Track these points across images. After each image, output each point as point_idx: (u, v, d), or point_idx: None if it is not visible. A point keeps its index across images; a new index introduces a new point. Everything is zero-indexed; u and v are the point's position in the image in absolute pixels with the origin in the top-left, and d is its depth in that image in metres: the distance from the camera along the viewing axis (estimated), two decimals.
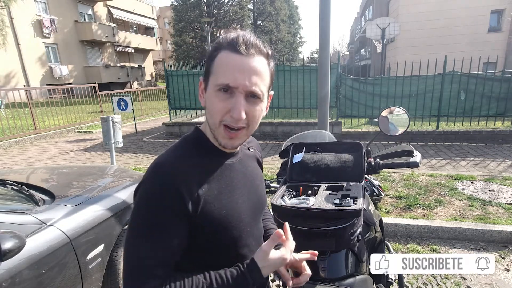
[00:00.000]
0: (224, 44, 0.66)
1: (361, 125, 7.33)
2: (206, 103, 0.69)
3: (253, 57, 0.66)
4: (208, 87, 0.68)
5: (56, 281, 1.45)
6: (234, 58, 0.65)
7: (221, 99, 0.65)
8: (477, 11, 16.38)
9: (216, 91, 0.66)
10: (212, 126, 0.70)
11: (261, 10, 30.49)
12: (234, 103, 0.65)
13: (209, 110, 0.69)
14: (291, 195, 1.17)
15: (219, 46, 0.67)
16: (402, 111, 1.49)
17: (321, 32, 3.33)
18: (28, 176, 2.47)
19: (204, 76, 0.70)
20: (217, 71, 0.66)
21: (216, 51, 0.67)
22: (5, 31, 14.09)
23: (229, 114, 0.65)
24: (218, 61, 0.66)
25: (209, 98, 0.68)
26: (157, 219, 0.62)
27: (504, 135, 6.09)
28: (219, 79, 0.65)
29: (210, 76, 0.67)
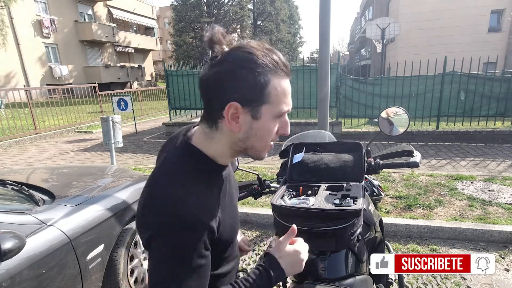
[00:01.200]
0: (271, 67, 0.63)
1: (361, 125, 7.33)
2: (256, 130, 0.67)
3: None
4: (261, 114, 0.65)
5: (56, 281, 1.45)
6: (287, 84, 0.67)
7: (275, 124, 0.68)
8: (477, 11, 16.39)
9: (274, 118, 0.67)
10: (259, 148, 0.70)
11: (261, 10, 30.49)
12: (285, 123, 0.70)
13: (260, 136, 0.68)
14: (291, 195, 1.16)
15: (264, 69, 0.62)
16: (402, 111, 1.49)
17: (321, 32, 3.33)
18: (28, 176, 2.47)
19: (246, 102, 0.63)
20: (275, 100, 0.65)
21: (264, 75, 0.62)
22: (5, 31, 14.10)
23: (277, 133, 0.69)
24: (274, 88, 0.64)
25: (266, 125, 0.66)
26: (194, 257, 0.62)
27: (504, 135, 6.09)
28: (281, 108, 0.66)
29: (263, 105, 0.64)
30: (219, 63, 0.63)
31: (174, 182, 0.64)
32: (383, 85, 6.71)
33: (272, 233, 2.99)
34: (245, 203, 3.42)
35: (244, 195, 1.39)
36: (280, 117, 0.68)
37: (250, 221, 3.23)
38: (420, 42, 16.97)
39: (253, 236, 2.98)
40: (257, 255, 2.65)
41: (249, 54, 0.62)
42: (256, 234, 3.02)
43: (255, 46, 0.64)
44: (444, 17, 16.69)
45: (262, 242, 2.85)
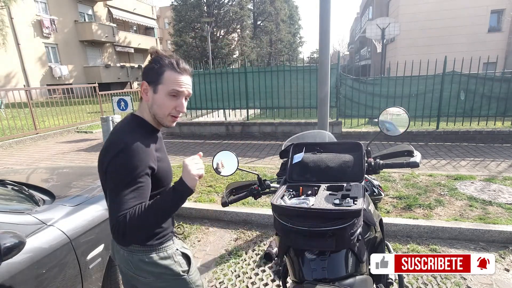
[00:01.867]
0: (168, 65, 1.03)
1: (361, 125, 7.33)
2: (155, 100, 1.04)
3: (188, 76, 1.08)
4: (158, 91, 1.03)
5: (56, 281, 1.45)
6: (179, 77, 1.04)
7: (171, 100, 1.04)
8: (477, 11, 16.39)
9: (167, 95, 1.03)
10: (160, 115, 1.05)
11: (261, 10, 30.50)
12: (180, 103, 1.06)
13: (159, 105, 1.04)
14: (291, 195, 1.16)
15: (163, 66, 1.03)
16: (402, 111, 1.49)
17: (321, 32, 3.33)
18: (28, 176, 2.47)
19: (150, 82, 1.04)
20: (166, 83, 1.02)
21: (162, 68, 1.03)
22: (5, 31, 14.09)
23: (176, 109, 1.05)
24: (167, 76, 1.02)
25: (161, 98, 1.03)
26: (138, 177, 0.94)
27: (504, 135, 6.10)
28: (170, 88, 1.03)
29: (159, 85, 1.02)
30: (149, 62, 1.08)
31: (123, 132, 1.01)
32: (383, 85, 6.71)
33: (272, 233, 2.99)
34: (245, 203, 3.42)
35: (244, 195, 1.39)
36: (174, 97, 1.03)
37: (250, 221, 3.23)
38: (420, 42, 16.97)
39: (253, 236, 2.98)
40: (257, 255, 2.65)
41: (158, 57, 1.05)
42: (256, 234, 3.02)
43: (165, 54, 1.06)
44: (444, 17, 16.69)
45: (262, 242, 2.85)
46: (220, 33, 26.62)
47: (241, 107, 7.65)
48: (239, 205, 3.36)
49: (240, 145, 6.62)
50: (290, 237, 1.06)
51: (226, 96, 7.50)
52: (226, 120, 7.90)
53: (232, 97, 7.50)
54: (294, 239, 1.05)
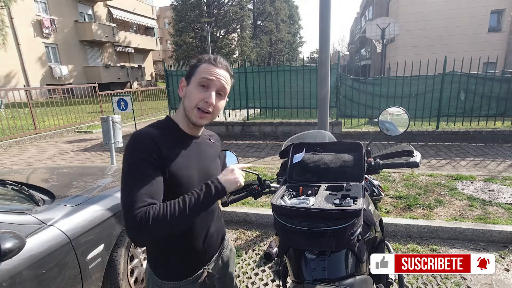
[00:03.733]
0: (203, 60, 1.00)
1: (361, 125, 7.33)
2: (187, 92, 0.99)
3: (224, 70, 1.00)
4: (190, 82, 0.99)
5: (56, 281, 1.45)
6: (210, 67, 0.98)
7: (200, 91, 0.97)
8: (477, 11, 16.39)
9: (197, 85, 0.97)
10: (189, 108, 0.98)
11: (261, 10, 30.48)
12: (209, 94, 0.97)
13: (189, 96, 0.98)
14: (291, 195, 1.16)
15: (200, 61, 1.00)
16: (402, 111, 1.49)
17: (321, 32, 3.33)
18: (28, 176, 2.47)
19: (187, 77, 1.02)
20: (198, 73, 0.98)
21: (198, 63, 1.00)
22: (5, 31, 14.08)
23: (204, 100, 0.96)
24: (200, 68, 0.99)
25: (192, 88, 0.98)
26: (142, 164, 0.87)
27: (504, 135, 6.10)
28: (200, 76, 0.97)
29: (192, 77, 0.99)
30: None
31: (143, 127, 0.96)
32: (383, 85, 6.71)
33: (272, 233, 2.99)
34: (245, 203, 3.42)
35: (244, 195, 1.39)
36: (204, 87, 0.97)
37: (250, 221, 3.23)
38: (420, 42, 16.97)
39: (253, 236, 2.98)
40: (257, 255, 2.65)
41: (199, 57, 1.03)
42: (256, 234, 3.02)
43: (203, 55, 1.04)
44: (444, 17, 16.69)
45: (262, 242, 2.85)
46: (220, 33, 26.61)
47: (241, 107, 7.65)
48: (239, 205, 3.36)
49: (240, 145, 6.62)
50: (290, 237, 1.05)
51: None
52: (226, 120, 7.90)
53: (232, 97, 7.49)
54: (294, 239, 1.04)
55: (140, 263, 2.13)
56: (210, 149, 1.13)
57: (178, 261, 1.01)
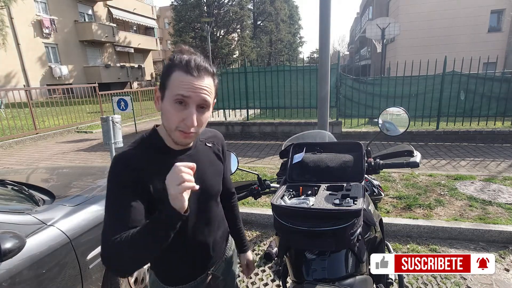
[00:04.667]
0: (178, 64, 0.81)
1: (361, 125, 7.33)
2: (163, 110, 0.83)
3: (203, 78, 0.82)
4: (164, 97, 0.82)
5: (56, 281, 1.45)
6: (188, 78, 0.80)
7: (177, 110, 0.81)
8: (477, 11, 16.39)
9: (173, 102, 0.81)
10: (168, 129, 0.85)
11: (261, 10, 30.49)
12: (189, 113, 0.81)
13: (165, 116, 0.83)
14: (291, 195, 1.16)
15: (173, 65, 0.81)
16: (402, 111, 1.49)
17: (321, 32, 3.33)
18: (28, 176, 2.47)
19: (160, 86, 0.85)
20: (172, 86, 0.80)
21: (171, 68, 0.81)
22: (5, 31, 14.09)
23: (183, 122, 0.81)
24: (174, 78, 0.80)
25: (166, 106, 0.82)
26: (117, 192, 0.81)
27: (504, 135, 6.09)
28: (175, 92, 0.80)
29: (166, 89, 0.82)
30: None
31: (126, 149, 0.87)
32: (383, 85, 6.70)
33: (272, 233, 2.99)
34: (245, 203, 3.42)
35: (244, 195, 1.39)
36: (181, 104, 0.80)
37: (250, 221, 3.23)
38: (420, 42, 16.97)
39: (253, 236, 2.98)
40: (257, 255, 2.65)
41: (172, 54, 0.84)
42: (256, 234, 3.02)
43: (180, 49, 0.85)
44: (444, 17, 16.68)
45: (262, 242, 2.85)
46: (220, 33, 26.61)
47: (241, 107, 7.65)
48: (239, 205, 3.36)
49: (240, 145, 6.62)
50: (290, 237, 1.05)
51: (226, 96, 7.50)
52: (226, 120, 7.90)
53: (232, 97, 7.50)
54: (294, 239, 1.05)
55: None
56: (208, 155, 1.02)
57: (184, 267, 0.99)
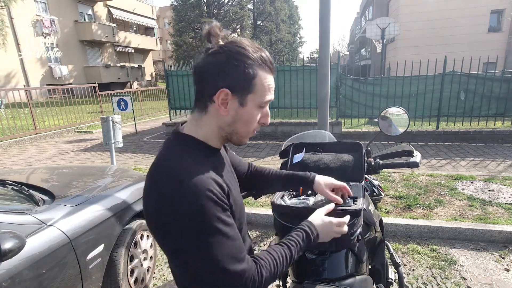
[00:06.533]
0: (259, 62, 0.71)
1: (361, 125, 7.33)
2: (241, 115, 0.73)
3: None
4: (247, 102, 0.72)
5: (56, 281, 1.45)
6: (271, 79, 0.75)
7: (259, 113, 0.76)
8: (477, 11, 16.39)
9: (258, 108, 0.74)
10: (243, 133, 0.77)
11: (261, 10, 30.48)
12: (266, 113, 0.78)
13: (245, 121, 0.74)
14: (291, 195, 1.16)
15: (253, 63, 0.70)
16: (402, 111, 1.49)
17: (321, 32, 3.33)
18: (28, 176, 2.47)
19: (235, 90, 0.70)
20: (260, 91, 0.72)
21: (252, 68, 0.70)
22: (5, 31, 14.09)
23: (259, 124, 0.78)
24: (260, 81, 0.71)
25: (250, 112, 0.74)
26: (218, 221, 0.64)
27: (504, 135, 6.09)
28: (264, 98, 0.73)
29: (250, 94, 0.71)
30: (215, 53, 0.70)
31: (172, 162, 0.68)
32: (383, 85, 6.70)
33: (272, 233, 2.99)
34: (245, 203, 3.42)
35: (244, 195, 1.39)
36: (262, 108, 0.75)
37: (250, 221, 3.23)
38: (420, 42, 16.97)
39: (253, 236, 2.98)
40: None
41: (242, 49, 0.70)
42: (256, 234, 3.02)
43: (247, 43, 0.72)
44: (444, 17, 16.69)
45: (262, 242, 2.85)
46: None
47: None
48: None
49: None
50: None
51: None
52: None
53: None
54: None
55: (140, 263, 2.13)
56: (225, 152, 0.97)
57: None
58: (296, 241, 0.79)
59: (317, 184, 1.02)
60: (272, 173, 1.12)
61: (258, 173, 1.13)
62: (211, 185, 0.65)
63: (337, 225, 0.88)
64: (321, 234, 0.85)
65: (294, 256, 0.77)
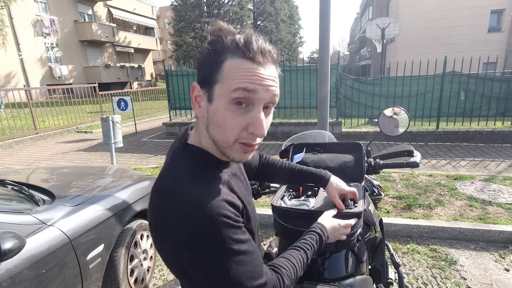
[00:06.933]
0: (231, 46, 0.57)
1: (361, 125, 7.33)
2: (211, 115, 0.60)
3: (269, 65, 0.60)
4: (214, 96, 0.58)
5: (56, 281, 1.45)
6: (248, 65, 0.57)
7: (237, 113, 0.58)
8: (477, 11, 16.39)
9: (228, 103, 0.57)
10: (221, 142, 0.61)
11: (261, 10, 30.47)
12: (255, 118, 0.59)
13: (217, 123, 0.60)
14: (291, 195, 1.16)
15: (222, 48, 0.58)
16: (402, 111, 1.49)
17: (321, 32, 3.33)
18: (28, 176, 2.47)
19: (202, 82, 0.60)
20: (227, 78, 0.57)
21: (221, 54, 0.57)
22: (5, 31, 14.09)
23: (247, 130, 0.59)
24: (228, 67, 0.57)
25: (219, 109, 0.58)
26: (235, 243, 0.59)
27: (504, 135, 6.10)
28: (232, 85, 0.56)
29: (215, 84, 0.58)
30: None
31: (182, 187, 0.60)
32: (383, 85, 6.71)
33: (272, 233, 2.99)
34: None
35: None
36: (241, 105, 0.57)
37: None
38: (420, 42, 16.97)
39: None
40: None
41: (216, 36, 0.60)
42: None
43: (225, 28, 0.61)
44: (444, 17, 16.69)
45: (262, 242, 2.85)
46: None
47: None
48: None
49: None
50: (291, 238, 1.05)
51: None
52: None
53: None
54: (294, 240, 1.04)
55: (140, 263, 2.13)
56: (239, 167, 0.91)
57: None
58: (311, 244, 0.81)
59: (330, 186, 1.01)
60: (284, 165, 1.09)
61: (270, 165, 1.10)
62: (225, 209, 0.58)
63: (344, 227, 0.90)
64: (330, 236, 0.88)
65: (309, 259, 0.79)
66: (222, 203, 0.59)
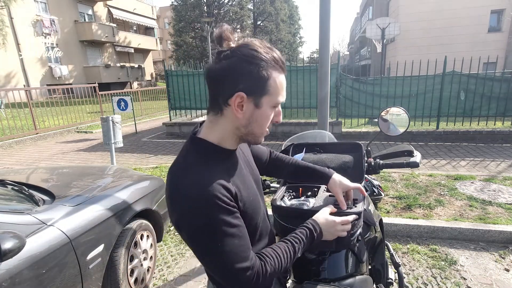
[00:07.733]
0: (272, 63, 0.73)
1: (361, 125, 7.33)
2: (256, 117, 0.76)
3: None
4: (262, 104, 0.74)
5: (56, 281, 1.45)
6: (283, 78, 0.77)
7: (272, 113, 0.78)
8: (477, 11, 16.39)
9: (272, 108, 0.77)
10: (258, 133, 0.80)
11: (261, 10, 30.48)
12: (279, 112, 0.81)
13: (260, 122, 0.77)
14: (291, 196, 1.16)
15: (267, 65, 0.72)
16: (402, 111, 1.49)
17: (321, 32, 3.33)
18: (28, 176, 2.47)
19: (250, 92, 0.72)
20: (274, 92, 0.74)
21: (266, 70, 0.72)
22: (5, 31, 14.09)
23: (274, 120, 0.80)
24: (274, 82, 0.73)
25: (265, 113, 0.76)
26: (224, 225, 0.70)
27: (504, 135, 6.10)
28: (278, 99, 0.76)
29: (264, 95, 0.74)
30: (227, 57, 0.71)
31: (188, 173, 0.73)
32: (383, 85, 6.71)
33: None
34: None
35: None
36: (275, 107, 0.78)
37: None
38: (420, 42, 16.97)
39: None
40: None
41: (254, 51, 0.71)
42: None
43: (258, 44, 0.73)
44: (444, 17, 16.69)
45: None
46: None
47: None
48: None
49: None
50: None
51: None
52: None
53: None
54: None
55: (140, 263, 2.13)
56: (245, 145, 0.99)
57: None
58: (300, 238, 0.83)
59: (333, 182, 1.04)
60: (291, 162, 1.17)
61: (279, 160, 1.18)
62: (218, 191, 0.69)
63: (341, 223, 0.91)
64: (325, 232, 0.88)
65: (297, 252, 0.82)
66: (217, 186, 0.70)
